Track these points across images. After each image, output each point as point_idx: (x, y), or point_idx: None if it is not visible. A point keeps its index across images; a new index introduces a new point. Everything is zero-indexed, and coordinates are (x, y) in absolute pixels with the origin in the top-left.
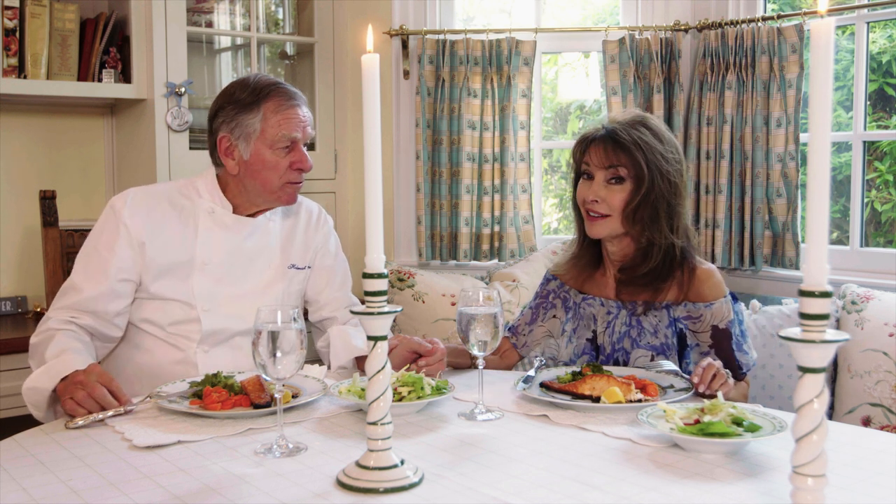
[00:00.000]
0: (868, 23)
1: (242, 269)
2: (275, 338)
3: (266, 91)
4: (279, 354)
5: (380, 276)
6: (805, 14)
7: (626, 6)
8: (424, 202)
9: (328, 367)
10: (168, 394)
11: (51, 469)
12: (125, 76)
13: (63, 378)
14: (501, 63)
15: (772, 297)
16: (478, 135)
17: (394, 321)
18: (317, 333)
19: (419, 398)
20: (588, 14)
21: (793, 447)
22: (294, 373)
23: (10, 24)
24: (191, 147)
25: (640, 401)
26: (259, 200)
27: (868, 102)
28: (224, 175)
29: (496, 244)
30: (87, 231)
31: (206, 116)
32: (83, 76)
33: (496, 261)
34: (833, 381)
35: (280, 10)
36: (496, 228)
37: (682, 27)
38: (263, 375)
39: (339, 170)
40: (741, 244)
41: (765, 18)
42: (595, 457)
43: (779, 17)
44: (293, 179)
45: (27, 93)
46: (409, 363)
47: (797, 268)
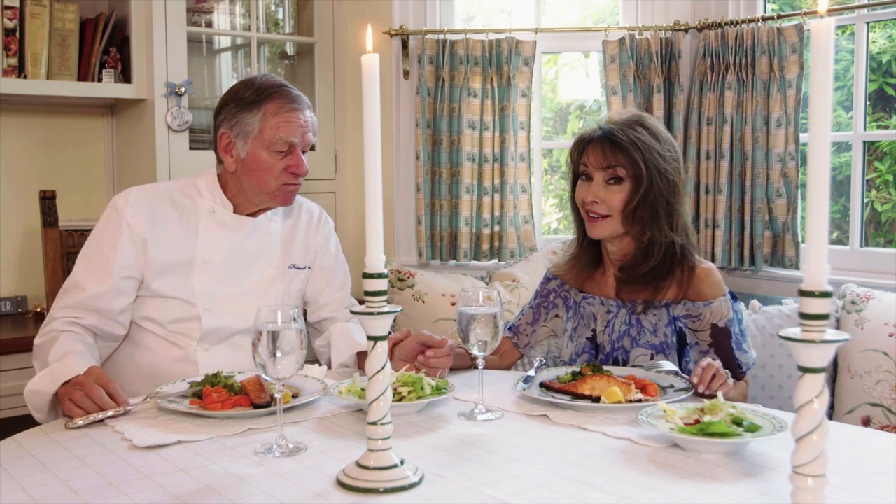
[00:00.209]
0: (868, 23)
1: (243, 269)
2: (275, 338)
3: (269, 92)
4: (279, 354)
5: (380, 276)
6: (805, 14)
7: (626, 6)
8: (424, 202)
9: (328, 367)
10: (168, 394)
11: (51, 469)
12: (125, 76)
13: (64, 382)
14: (501, 63)
15: (772, 297)
16: (478, 135)
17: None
18: (314, 334)
19: (419, 398)
20: (588, 14)
21: (793, 447)
22: (294, 373)
23: (10, 24)
24: (191, 147)
25: (640, 401)
26: (256, 199)
27: (868, 102)
28: (224, 174)
29: (496, 244)
30: (88, 231)
31: (206, 116)
32: (83, 76)
33: (496, 261)
34: (833, 381)
35: (280, 10)
36: (496, 228)
37: (682, 27)
38: (263, 375)
39: (339, 170)
40: (741, 244)
41: (765, 18)
42: (595, 457)
43: (779, 17)
44: (288, 182)
45: (27, 93)
46: (417, 355)
47: (797, 268)
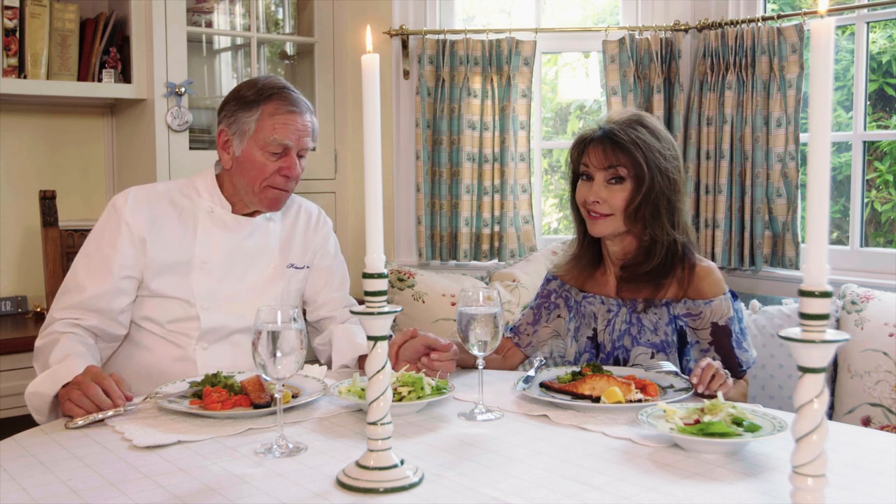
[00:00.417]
0: (868, 23)
1: (242, 268)
2: (275, 338)
3: (269, 93)
4: (279, 354)
5: (380, 276)
6: (805, 14)
7: (626, 6)
8: (424, 202)
9: (329, 366)
10: (168, 394)
11: (51, 469)
12: (125, 76)
13: (65, 385)
14: (501, 63)
15: (772, 297)
16: (478, 135)
17: (394, 321)
18: (313, 333)
19: (419, 398)
20: (588, 14)
21: (793, 447)
22: (294, 373)
23: (10, 24)
24: (191, 147)
25: (640, 401)
26: (246, 199)
27: (868, 102)
28: (223, 173)
29: (496, 244)
30: (87, 231)
31: (206, 116)
32: (83, 76)
33: (496, 261)
34: (833, 381)
35: (280, 11)
36: (496, 228)
37: (682, 27)
38: (263, 375)
39: (339, 170)
40: (741, 244)
41: (765, 18)
42: (595, 457)
43: (779, 17)
44: (277, 185)
45: (27, 93)
46: (421, 357)
47: (797, 268)
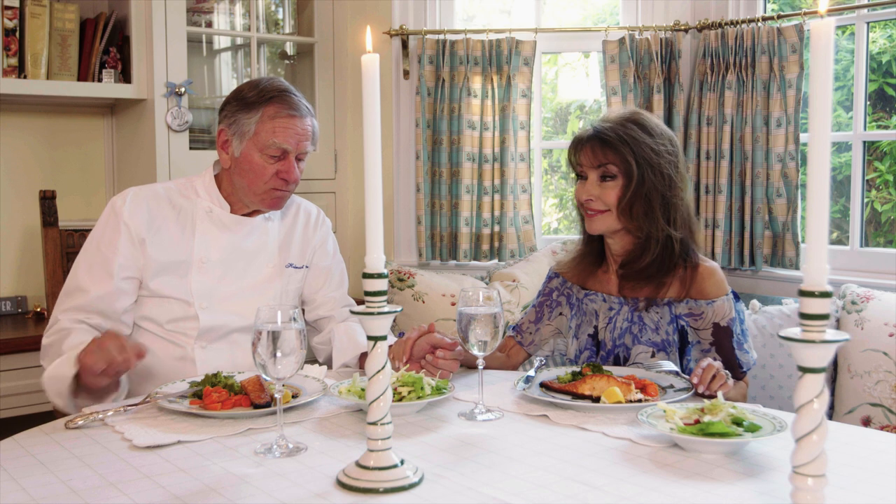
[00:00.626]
0: (868, 23)
1: (240, 268)
2: (275, 338)
3: (270, 95)
4: (279, 355)
5: (380, 276)
6: (805, 14)
7: (626, 6)
8: (424, 202)
9: (329, 366)
10: (168, 394)
11: (51, 469)
12: (125, 76)
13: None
14: (501, 63)
15: (772, 297)
16: (478, 135)
17: (394, 321)
18: (311, 332)
19: (419, 398)
20: (588, 14)
21: (793, 447)
22: (294, 373)
23: (10, 24)
24: (191, 147)
25: (640, 401)
26: (245, 200)
27: (868, 102)
28: (221, 173)
29: (496, 244)
30: (87, 231)
31: (206, 116)
32: (83, 76)
33: (496, 261)
34: (833, 381)
35: (280, 11)
36: (496, 228)
37: (682, 27)
38: (263, 375)
39: (339, 170)
40: (741, 244)
41: (765, 18)
42: (595, 457)
43: (779, 18)
44: (277, 187)
45: (27, 93)
46: (426, 354)
47: (797, 268)
